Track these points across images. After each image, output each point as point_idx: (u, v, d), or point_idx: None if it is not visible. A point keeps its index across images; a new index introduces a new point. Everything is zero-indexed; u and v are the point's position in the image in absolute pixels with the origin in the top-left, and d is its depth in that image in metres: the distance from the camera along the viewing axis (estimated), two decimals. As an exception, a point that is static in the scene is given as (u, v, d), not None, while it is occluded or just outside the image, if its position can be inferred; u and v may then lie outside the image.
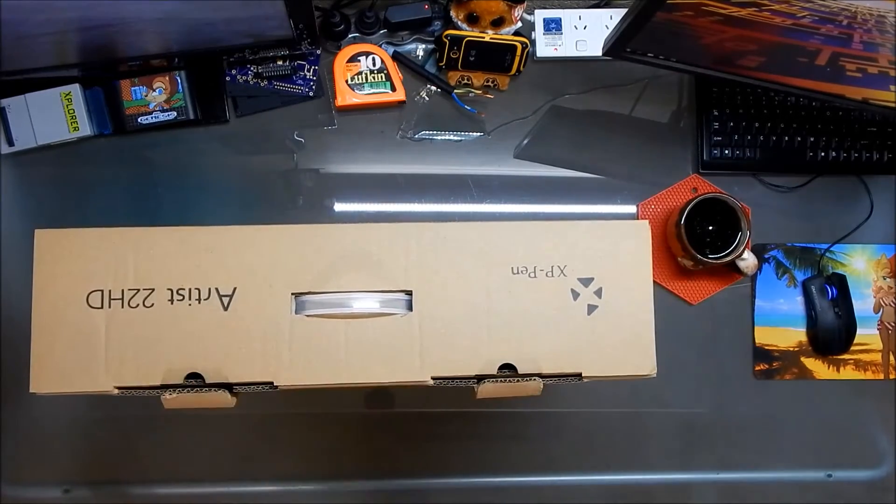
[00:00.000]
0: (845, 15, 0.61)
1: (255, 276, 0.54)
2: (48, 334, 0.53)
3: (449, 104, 0.84)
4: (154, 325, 0.53)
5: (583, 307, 0.56)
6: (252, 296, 0.54)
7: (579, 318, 0.56)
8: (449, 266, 0.56)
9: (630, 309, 0.56)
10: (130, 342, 0.53)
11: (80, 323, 0.53)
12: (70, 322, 0.53)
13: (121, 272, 0.54)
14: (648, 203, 0.85)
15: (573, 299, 0.56)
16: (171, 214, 0.82)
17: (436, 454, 0.84)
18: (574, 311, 0.56)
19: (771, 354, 0.86)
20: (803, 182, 0.87)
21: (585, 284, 0.56)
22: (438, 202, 0.84)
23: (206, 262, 0.54)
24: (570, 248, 0.57)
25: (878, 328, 0.87)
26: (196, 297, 0.54)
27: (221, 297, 0.54)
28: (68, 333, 0.53)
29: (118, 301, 0.53)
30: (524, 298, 0.56)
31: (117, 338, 0.53)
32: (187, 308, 0.53)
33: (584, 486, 0.84)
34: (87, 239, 0.54)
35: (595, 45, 0.82)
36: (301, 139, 0.83)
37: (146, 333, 0.53)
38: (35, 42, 0.68)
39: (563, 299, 0.56)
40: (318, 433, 0.83)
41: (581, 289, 0.56)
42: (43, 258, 0.54)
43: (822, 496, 0.85)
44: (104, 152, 0.81)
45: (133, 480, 0.81)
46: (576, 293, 0.56)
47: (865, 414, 0.87)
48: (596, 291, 0.56)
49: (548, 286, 0.56)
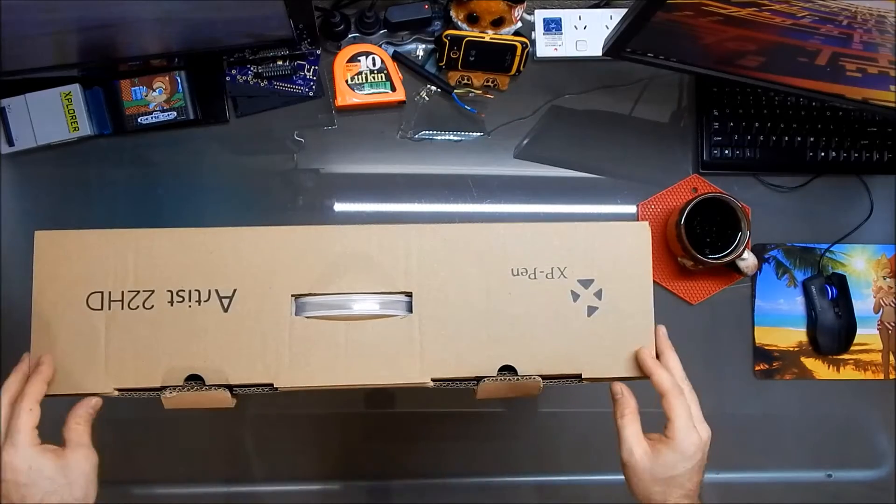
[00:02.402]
0: (845, 15, 0.61)
1: (254, 277, 0.54)
2: (48, 335, 0.53)
3: (449, 104, 0.84)
4: (154, 326, 0.53)
5: (583, 309, 0.56)
6: (252, 298, 0.54)
7: (580, 320, 0.56)
8: (449, 268, 0.56)
9: (630, 310, 0.56)
10: (130, 344, 0.53)
11: (79, 324, 0.53)
12: (70, 323, 0.53)
13: (121, 274, 0.54)
14: (648, 203, 0.85)
15: (573, 301, 0.56)
16: (171, 214, 0.81)
17: (436, 454, 0.84)
18: (574, 313, 0.56)
19: (771, 354, 0.86)
20: (803, 182, 0.87)
21: (585, 286, 0.56)
22: (438, 202, 0.84)
23: (205, 264, 0.54)
24: (570, 249, 0.57)
25: (878, 328, 0.87)
26: (196, 298, 0.54)
27: (221, 299, 0.54)
28: (68, 335, 0.53)
29: (118, 303, 0.53)
30: (524, 300, 0.56)
31: (117, 339, 0.53)
32: (187, 310, 0.53)
33: (585, 486, 0.84)
34: (87, 240, 0.54)
35: (595, 45, 0.82)
36: (301, 139, 0.83)
37: (146, 335, 0.53)
38: (35, 42, 0.68)
39: (563, 301, 0.56)
40: (318, 433, 0.83)
41: (581, 290, 0.56)
42: (42, 259, 0.54)
43: (822, 496, 0.85)
44: (104, 152, 0.81)
45: (133, 480, 0.81)
46: (576, 294, 0.56)
47: (865, 414, 0.87)
48: (596, 293, 0.56)
49: (548, 288, 0.56)
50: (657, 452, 0.52)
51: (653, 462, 0.51)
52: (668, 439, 0.52)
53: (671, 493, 0.51)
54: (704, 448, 0.53)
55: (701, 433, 0.53)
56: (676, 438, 0.52)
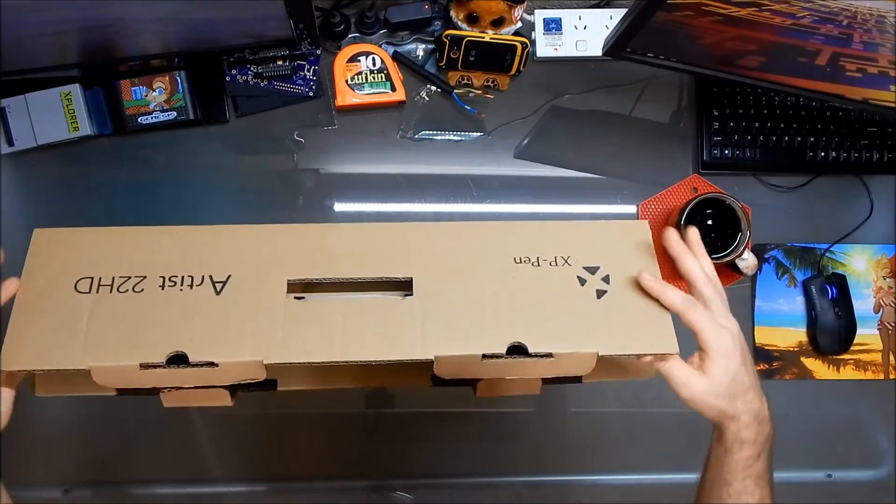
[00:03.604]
0: (845, 15, 0.61)
1: (251, 265, 0.53)
2: (28, 314, 0.50)
3: (449, 104, 0.84)
4: (141, 307, 0.51)
5: (591, 292, 0.54)
6: (246, 283, 0.52)
7: (590, 302, 0.53)
8: (449, 258, 0.54)
9: (641, 292, 0.54)
10: (113, 322, 0.50)
11: (63, 305, 0.51)
12: (53, 305, 0.51)
13: (114, 263, 0.52)
14: (648, 203, 0.85)
15: (580, 285, 0.54)
16: (171, 214, 0.81)
17: (436, 454, 0.84)
18: (583, 296, 0.53)
19: (771, 354, 0.86)
20: (803, 182, 0.87)
21: (592, 272, 0.54)
22: (438, 202, 0.84)
23: (202, 254, 0.53)
24: (572, 242, 0.55)
25: (878, 328, 0.87)
26: (188, 283, 0.52)
27: (214, 283, 0.52)
28: (49, 314, 0.50)
29: (107, 287, 0.51)
30: (529, 284, 0.53)
31: (100, 318, 0.50)
32: (178, 293, 0.51)
33: (585, 485, 0.84)
34: (85, 236, 0.54)
35: (595, 45, 0.82)
36: (301, 139, 0.83)
37: (131, 314, 0.51)
38: (35, 42, 0.68)
39: (570, 285, 0.54)
40: (318, 433, 0.83)
41: (587, 276, 0.54)
42: (35, 254, 0.53)
43: (822, 496, 0.85)
44: (104, 152, 0.81)
45: (133, 480, 0.81)
46: (582, 279, 0.54)
47: (865, 414, 0.87)
48: (603, 278, 0.54)
49: (552, 273, 0.54)
50: (705, 371, 0.51)
51: (709, 381, 0.51)
52: (703, 352, 0.51)
53: (738, 397, 0.51)
54: (741, 339, 0.52)
55: (731, 328, 0.52)
56: (712, 347, 0.51)
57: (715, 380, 0.51)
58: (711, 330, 0.51)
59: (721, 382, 0.51)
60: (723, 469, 0.53)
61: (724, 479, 0.53)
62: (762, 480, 0.53)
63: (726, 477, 0.52)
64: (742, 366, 0.52)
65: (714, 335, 0.51)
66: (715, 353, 0.51)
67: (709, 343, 0.51)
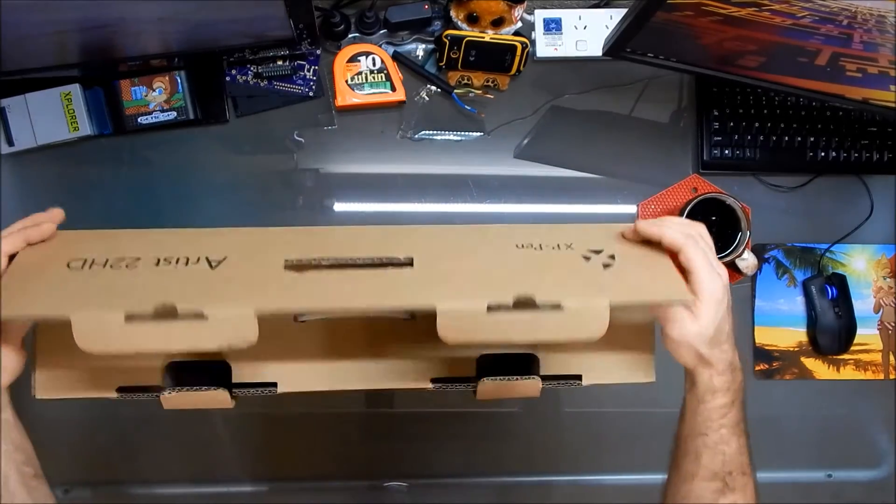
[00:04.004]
0: (845, 15, 0.61)
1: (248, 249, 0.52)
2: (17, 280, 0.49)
3: (449, 104, 0.84)
4: (131, 277, 0.49)
5: (598, 265, 0.52)
6: (243, 261, 0.51)
7: (597, 271, 0.51)
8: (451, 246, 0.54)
9: (648, 262, 0.53)
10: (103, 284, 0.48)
11: (51, 279, 0.49)
12: (41, 280, 0.49)
13: (110, 249, 0.51)
14: (648, 203, 0.85)
15: (586, 262, 0.52)
16: (171, 214, 0.81)
17: (436, 454, 0.84)
18: (590, 267, 0.52)
19: (771, 354, 0.86)
20: (803, 182, 0.87)
21: (596, 253, 0.53)
22: (438, 202, 0.84)
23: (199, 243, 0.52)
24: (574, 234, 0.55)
25: (878, 328, 0.87)
26: (184, 262, 0.50)
27: (210, 262, 0.50)
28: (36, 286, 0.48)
29: (99, 266, 0.50)
30: (533, 261, 0.52)
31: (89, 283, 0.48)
32: (171, 269, 0.50)
33: (585, 486, 0.84)
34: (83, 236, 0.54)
35: (595, 45, 0.82)
36: (301, 139, 0.83)
37: (122, 280, 0.49)
38: (35, 42, 0.68)
39: (575, 261, 0.52)
40: (318, 433, 0.83)
41: (592, 255, 0.53)
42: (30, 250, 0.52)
43: (822, 496, 0.86)
44: (104, 152, 0.81)
45: (133, 480, 0.81)
46: (587, 258, 0.52)
47: (865, 414, 0.87)
48: (609, 256, 0.53)
49: (556, 255, 0.53)
50: (695, 314, 0.50)
51: (698, 324, 0.50)
52: (695, 295, 0.50)
53: (717, 346, 0.51)
54: (728, 288, 0.51)
55: (721, 274, 0.51)
56: (705, 289, 0.50)
57: (703, 324, 0.50)
58: (707, 271, 0.50)
59: (709, 327, 0.50)
60: (697, 419, 0.52)
61: (699, 430, 0.52)
62: (738, 428, 0.52)
63: (701, 428, 0.52)
64: (727, 314, 0.51)
65: (709, 277, 0.50)
66: (708, 296, 0.50)
67: (702, 285, 0.50)
